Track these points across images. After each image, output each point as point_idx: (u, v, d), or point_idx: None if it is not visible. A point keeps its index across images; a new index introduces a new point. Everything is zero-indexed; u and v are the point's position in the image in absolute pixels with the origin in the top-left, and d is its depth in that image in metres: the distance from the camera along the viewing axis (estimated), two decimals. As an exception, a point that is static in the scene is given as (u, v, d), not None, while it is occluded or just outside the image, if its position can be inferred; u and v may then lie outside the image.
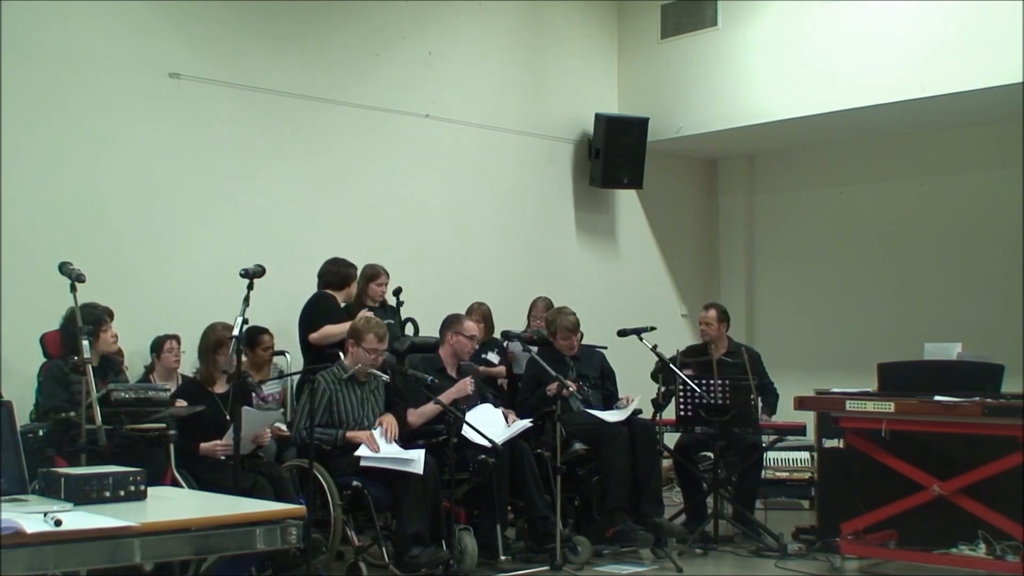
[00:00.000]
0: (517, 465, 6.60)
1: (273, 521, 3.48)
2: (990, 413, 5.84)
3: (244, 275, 5.44)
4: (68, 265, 5.34)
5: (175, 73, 7.52)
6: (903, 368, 6.68)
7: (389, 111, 8.63)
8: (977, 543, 6.01)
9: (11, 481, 3.62)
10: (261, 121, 7.96)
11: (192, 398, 6.10)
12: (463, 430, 6.37)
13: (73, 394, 5.65)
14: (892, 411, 6.13)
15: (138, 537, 3.15)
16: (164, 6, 7.47)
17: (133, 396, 5.54)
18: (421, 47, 8.88)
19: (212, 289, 7.20)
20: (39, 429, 5.54)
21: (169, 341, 6.98)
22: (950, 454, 6.20)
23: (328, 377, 6.32)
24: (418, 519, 5.99)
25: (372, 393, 6.46)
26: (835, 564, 6.43)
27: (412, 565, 5.91)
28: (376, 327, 6.37)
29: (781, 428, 7.67)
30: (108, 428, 5.15)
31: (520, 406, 7.15)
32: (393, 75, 8.70)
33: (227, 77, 7.75)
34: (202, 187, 7.65)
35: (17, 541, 2.94)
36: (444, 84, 8.99)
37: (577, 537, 6.64)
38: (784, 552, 6.86)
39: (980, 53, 8.09)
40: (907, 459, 6.22)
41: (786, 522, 7.50)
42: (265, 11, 7.98)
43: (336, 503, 5.97)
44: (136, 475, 3.67)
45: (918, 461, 6.20)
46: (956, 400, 5.95)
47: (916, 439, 6.28)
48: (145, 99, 7.41)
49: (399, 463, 6.08)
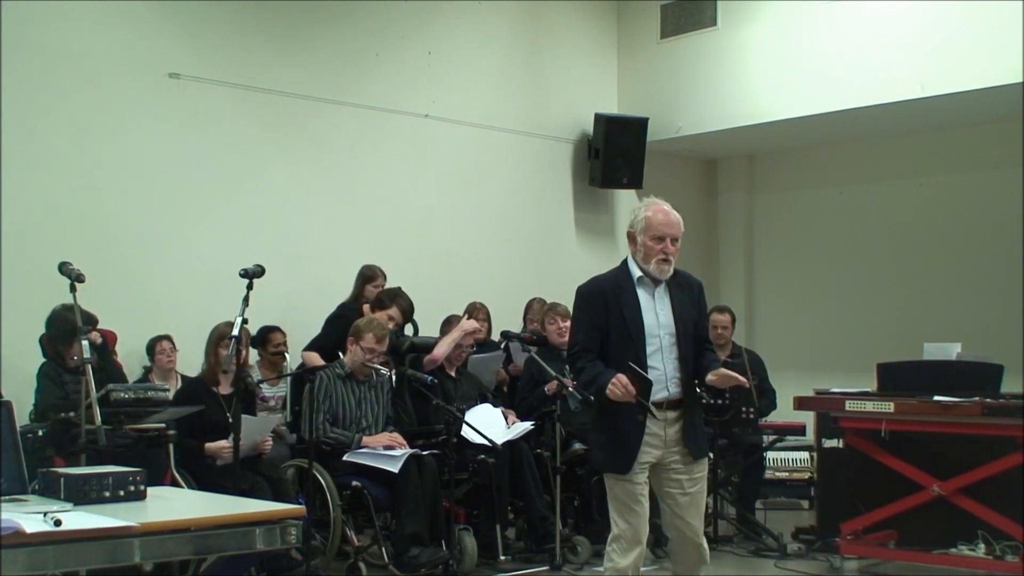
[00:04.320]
0: (517, 465, 6.60)
1: (273, 521, 3.48)
2: (990, 413, 5.84)
3: (244, 275, 5.44)
4: (68, 265, 5.34)
5: (175, 73, 7.52)
6: (903, 368, 6.68)
7: (389, 111, 8.63)
8: (976, 543, 6.02)
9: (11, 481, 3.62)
10: (261, 121, 7.96)
11: (194, 398, 6.10)
12: (463, 430, 6.37)
13: (68, 393, 5.65)
14: (892, 411, 6.13)
15: (138, 537, 3.15)
16: (164, 6, 7.48)
17: (132, 396, 5.55)
18: (421, 47, 8.88)
19: (212, 289, 7.20)
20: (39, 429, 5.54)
21: (161, 342, 7.00)
22: (949, 454, 6.20)
23: (329, 374, 6.33)
24: (417, 519, 6.00)
25: (372, 392, 6.46)
26: (835, 564, 6.44)
27: (411, 565, 5.91)
28: (376, 328, 6.38)
29: (781, 428, 7.68)
30: (108, 428, 5.15)
31: (519, 406, 7.16)
32: (393, 75, 8.70)
33: (227, 77, 7.75)
34: (202, 187, 7.65)
35: (17, 541, 2.94)
36: (444, 84, 8.99)
37: (577, 537, 6.64)
38: (784, 552, 6.87)
39: (980, 53, 8.08)
40: (907, 459, 6.22)
41: (786, 522, 7.50)
42: (265, 11, 7.98)
43: (336, 503, 5.98)
44: (136, 475, 3.67)
45: (918, 461, 6.20)
46: (956, 400, 5.95)
47: (916, 439, 6.28)
48: (145, 99, 7.41)
49: (380, 460, 6.08)
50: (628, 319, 4.35)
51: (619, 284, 4.43)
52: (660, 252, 4.37)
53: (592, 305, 4.44)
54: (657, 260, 4.37)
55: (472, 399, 6.93)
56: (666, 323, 4.39)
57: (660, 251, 4.37)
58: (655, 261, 4.37)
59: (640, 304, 4.38)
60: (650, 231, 4.38)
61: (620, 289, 4.41)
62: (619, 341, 4.35)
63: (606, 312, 4.39)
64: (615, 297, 4.39)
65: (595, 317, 4.41)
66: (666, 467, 4.39)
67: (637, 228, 4.43)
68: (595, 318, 4.41)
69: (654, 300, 4.41)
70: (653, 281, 4.41)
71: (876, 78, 8.61)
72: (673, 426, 4.38)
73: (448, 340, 6.87)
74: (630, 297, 4.39)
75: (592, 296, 4.47)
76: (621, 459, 4.34)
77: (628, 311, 4.37)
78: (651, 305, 4.39)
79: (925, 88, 8.39)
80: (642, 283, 4.42)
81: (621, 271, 4.51)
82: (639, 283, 4.42)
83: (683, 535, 4.44)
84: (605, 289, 4.44)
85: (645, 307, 4.38)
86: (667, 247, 4.37)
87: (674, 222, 4.42)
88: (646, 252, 4.39)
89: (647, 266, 4.39)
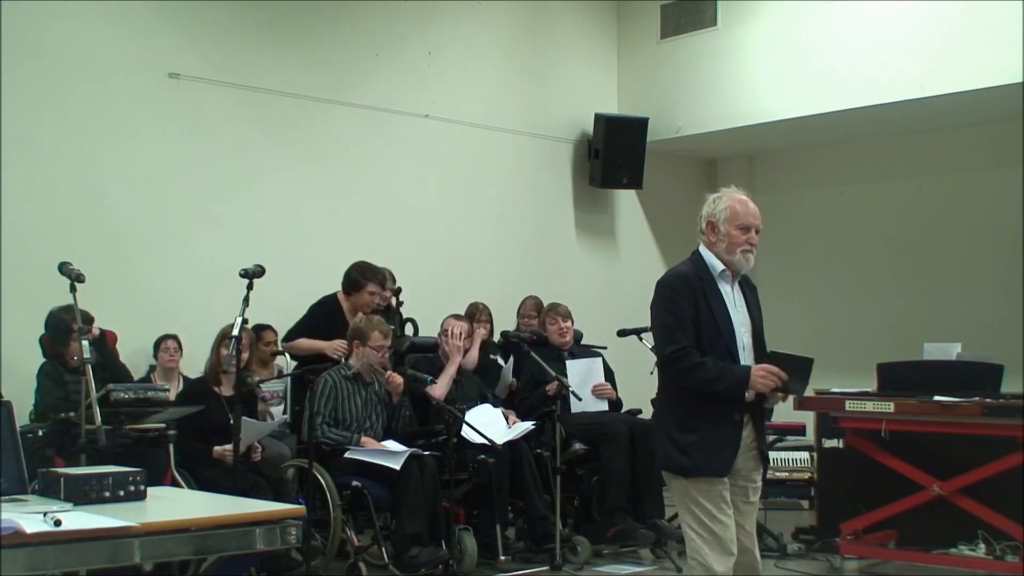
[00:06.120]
0: (517, 465, 6.60)
1: (273, 521, 3.48)
2: (989, 413, 5.83)
3: (244, 275, 5.44)
4: (68, 265, 5.34)
5: (175, 73, 7.52)
6: (903, 368, 6.67)
7: (389, 111, 8.63)
8: (976, 543, 6.01)
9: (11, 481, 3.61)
10: (261, 121, 7.97)
11: (196, 399, 6.10)
12: (463, 430, 6.37)
13: (69, 393, 5.65)
14: (892, 411, 6.13)
15: (138, 537, 3.15)
16: (164, 6, 7.48)
17: (132, 396, 5.55)
18: (421, 47, 8.88)
19: (212, 289, 7.20)
20: (39, 429, 5.55)
21: (166, 341, 7.00)
22: (949, 454, 6.20)
23: (335, 375, 6.33)
24: (417, 519, 6.00)
25: (376, 395, 6.46)
26: (835, 564, 6.43)
27: (411, 565, 5.91)
28: (379, 324, 6.41)
29: (781, 428, 7.67)
30: (108, 428, 5.15)
31: (519, 406, 7.16)
32: (393, 75, 8.70)
33: (227, 77, 7.76)
34: (202, 187, 7.66)
35: (17, 541, 2.94)
36: (444, 84, 9.00)
37: (577, 537, 6.64)
38: (784, 552, 6.86)
39: (980, 53, 8.09)
40: (907, 459, 6.21)
41: (786, 522, 7.49)
42: (265, 11, 7.98)
43: (336, 503, 5.97)
44: (136, 475, 3.67)
45: (917, 461, 6.20)
46: (956, 400, 5.95)
47: (916, 439, 6.28)
48: (145, 99, 7.41)
49: (382, 456, 6.09)
50: (717, 314, 4.15)
51: (700, 276, 4.20)
52: (746, 242, 4.19)
53: (683, 298, 4.17)
54: (742, 250, 4.18)
55: (472, 399, 6.92)
56: (745, 320, 4.25)
57: (746, 241, 4.18)
58: (740, 251, 4.18)
59: (724, 299, 4.21)
60: (736, 220, 4.19)
61: (703, 282, 4.19)
62: (708, 337, 4.14)
63: (695, 306, 4.16)
64: (701, 290, 4.17)
65: (687, 311, 4.15)
66: (735, 473, 4.17)
67: (719, 218, 4.22)
68: (687, 312, 4.15)
69: (733, 296, 4.24)
70: (731, 275, 4.24)
71: (876, 78, 8.61)
72: (746, 429, 4.18)
73: (447, 377, 6.78)
74: (715, 291, 4.19)
75: (681, 289, 4.18)
76: (719, 461, 4.09)
77: (717, 306, 4.17)
78: (732, 300, 4.23)
79: (925, 88, 8.39)
80: (723, 277, 4.22)
81: (697, 263, 4.26)
82: (720, 277, 4.22)
83: (742, 545, 4.18)
84: (692, 282, 4.20)
85: (728, 302, 4.21)
86: (752, 237, 4.21)
87: (758, 213, 4.26)
88: (730, 242, 4.18)
89: (731, 257, 4.19)
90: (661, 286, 4.26)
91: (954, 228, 9.64)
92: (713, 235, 4.24)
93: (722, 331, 4.15)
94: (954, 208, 9.66)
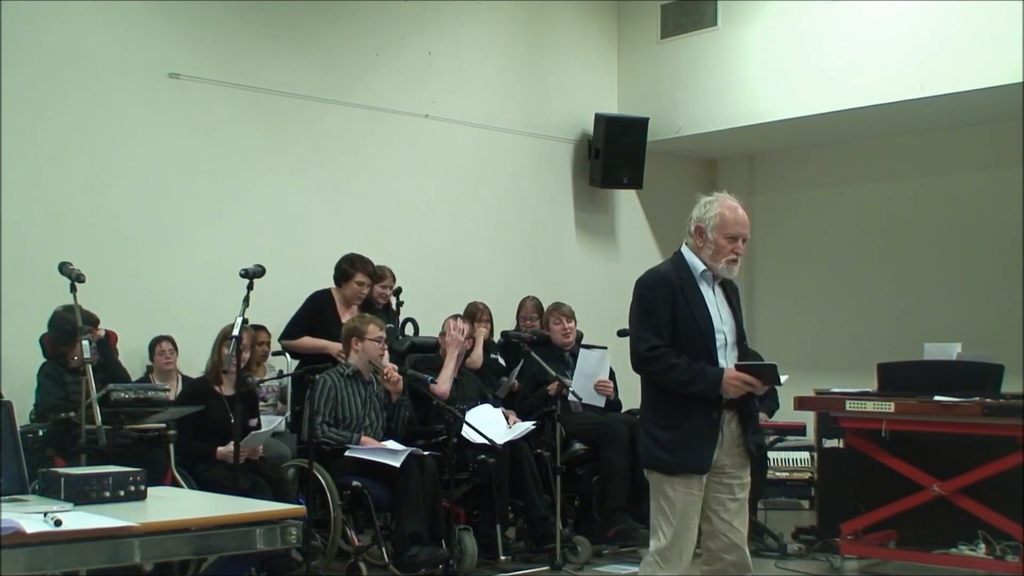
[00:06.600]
0: (517, 465, 6.60)
1: (273, 521, 3.48)
2: (990, 413, 5.84)
3: (244, 275, 5.45)
4: (68, 265, 5.35)
5: (175, 73, 7.52)
6: (903, 368, 6.67)
7: (389, 111, 8.63)
8: (977, 543, 6.01)
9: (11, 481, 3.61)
10: (261, 121, 7.97)
11: (197, 399, 6.10)
12: (463, 430, 6.37)
13: (70, 393, 5.65)
14: (892, 411, 6.13)
15: (138, 537, 3.15)
16: (164, 6, 7.48)
17: (133, 396, 5.55)
18: (421, 47, 8.88)
19: (212, 289, 7.20)
20: (39, 429, 5.55)
21: (161, 343, 7.00)
22: (950, 454, 6.20)
23: (333, 375, 6.33)
24: (418, 519, 6.00)
25: (375, 394, 6.46)
26: (835, 564, 6.43)
27: (412, 565, 5.91)
28: (372, 318, 6.46)
29: (781, 428, 7.67)
30: (108, 428, 5.15)
31: (520, 406, 7.16)
32: (393, 75, 8.70)
33: (227, 77, 7.76)
34: (202, 187, 7.66)
35: (17, 541, 2.93)
36: (444, 84, 8.99)
37: (577, 537, 6.64)
38: (784, 552, 6.87)
39: (980, 53, 8.08)
40: (907, 459, 6.22)
41: (786, 522, 7.50)
42: (265, 11, 7.98)
43: (336, 503, 5.97)
44: (136, 475, 3.67)
45: (918, 461, 6.20)
46: (956, 400, 5.95)
47: (916, 439, 6.28)
48: (145, 99, 7.41)
49: (382, 454, 6.09)
50: (697, 315, 4.19)
51: (680, 276, 4.25)
52: (732, 252, 4.22)
53: (661, 297, 4.21)
54: (728, 260, 4.22)
55: (472, 399, 6.92)
56: (727, 320, 4.28)
57: (732, 250, 4.22)
58: (725, 261, 4.23)
59: (704, 299, 4.24)
60: (724, 229, 4.21)
61: (683, 282, 4.23)
62: (686, 337, 4.18)
63: (673, 306, 4.20)
64: (680, 290, 4.21)
65: (665, 311, 4.20)
66: (719, 470, 4.18)
67: (708, 224, 4.23)
68: (665, 312, 4.20)
69: (714, 296, 4.27)
70: (712, 276, 4.27)
71: (876, 78, 8.61)
72: (730, 426, 4.20)
73: (448, 372, 6.80)
74: (694, 291, 4.23)
75: (660, 288, 4.23)
76: (696, 457, 4.11)
77: (696, 306, 4.20)
78: (712, 301, 4.26)
79: (925, 88, 8.39)
80: (704, 277, 4.26)
81: (678, 263, 4.30)
82: (701, 277, 4.26)
83: (731, 543, 4.21)
84: (671, 281, 4.24)
85: (708, 303, 4.24)
86: (738, 247, 4.24)
87: (747, 221, 4.28)
88: (717, 250, 4.22)
89: (716, 264, 4.23)
90: (639, 286, 4.32)
91: (954, 228, 9.64)
92: (701, 240, 4.27)
93: (701, 331, 4.20)
94: (954, 208, 9.65)
